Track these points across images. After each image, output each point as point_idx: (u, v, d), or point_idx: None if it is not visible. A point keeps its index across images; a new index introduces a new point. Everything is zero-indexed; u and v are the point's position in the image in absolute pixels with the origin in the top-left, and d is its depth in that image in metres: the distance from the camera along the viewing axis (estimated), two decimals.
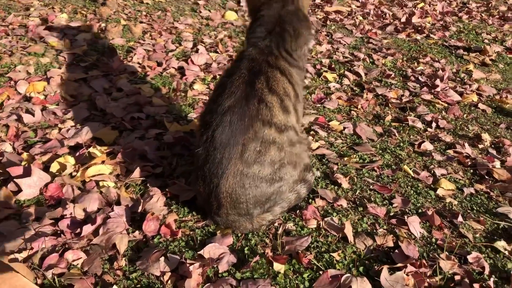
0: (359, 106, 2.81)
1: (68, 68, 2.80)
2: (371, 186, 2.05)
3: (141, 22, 3.66)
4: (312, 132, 2.45)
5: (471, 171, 2.31)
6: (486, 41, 4.57)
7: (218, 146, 1.52)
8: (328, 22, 4.40)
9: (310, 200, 1.89)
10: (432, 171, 2.24)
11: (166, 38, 3.42)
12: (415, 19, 4.85)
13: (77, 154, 2.02)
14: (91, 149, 2.03)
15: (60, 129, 2.23)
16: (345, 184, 2.02)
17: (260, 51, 1.65)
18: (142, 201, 1.75)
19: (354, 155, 2.27)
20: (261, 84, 1.55)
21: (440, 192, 2.08)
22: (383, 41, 4.15)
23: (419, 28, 4.59)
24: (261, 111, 1.52)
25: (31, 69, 2.71)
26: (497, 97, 3.23)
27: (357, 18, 4.67)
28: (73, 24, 3.41)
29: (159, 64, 3.02)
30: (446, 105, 3.00)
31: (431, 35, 4.48)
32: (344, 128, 2.55)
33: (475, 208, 2.01)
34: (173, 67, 3.00)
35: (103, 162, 1.99)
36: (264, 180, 1.57)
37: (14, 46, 2.94)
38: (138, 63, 3.01)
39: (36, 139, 2.15)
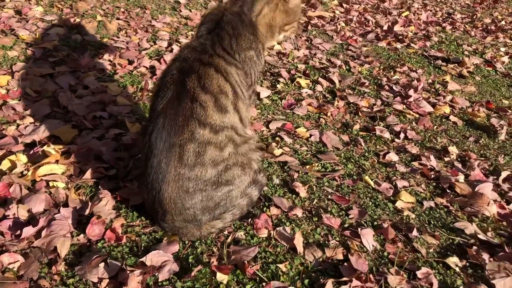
0: (329, 114, 2.79)
1: (36, 62, 2.75)
2: (329, 196, 2.03)
3: (117, 19, 3.61)
4: (277, 138, 2.42)
5: (434, 184, 2.30)
6: (466, 52, 4.58)
7: (155, 150, 1.50)
8: (309, 27, 4.38)
9: (264, 209, 1.87)
10: (394, 183, 2.23)
11: (141, 36, 3.38)
12: (397, 28, 4.85)
13: (31, 152, 1.98)
14: (45, 148, 1.99)
15: (18, 125, 2.19)
16: (303, 193, 2.00)
17: (192, 50, 1.62)
18: (90, 203, 1.72)
19: (317, 164, 2.25)
20: (192, 83, 1.52)
21: (399, 204, 2.07)
22: (363, 49, 4.14)
23: (400, 37, 4.59)
24: (195, 110, 1.49)
25: None
26: (470, 109, 3.23)
27: (339, 24, 4.67)
28: (48, 18, 3.36)
29: (130, 62, 2.98)
30: (417, 116, 3.00)
31: (412, 44, 4.48)
32: (311, 135, 2.53)
33: (432, 222, 2.00)
34: (144, 66, 2.96)
35: (57, 161, 1.95)
36: (210, 183, 1.54)
37: None
38: (109, 60, 2.97)
39: None
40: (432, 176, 2.35)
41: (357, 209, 1.98)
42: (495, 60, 4.45)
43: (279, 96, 2.91)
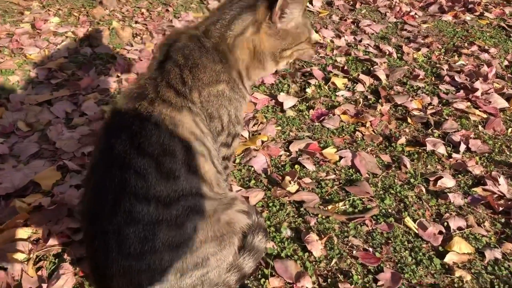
0: (368, 124, 2.27)
1: (36, 87, 2.51)
2: (354, 252, 1.57)
3: (136, 22, 3.29)
4: (297, 166, 1.97)
5: (503, 220, 1.74)
6: None
7: (91, 236, 1.14)
8: (358, 5, 3.78)
9: (262, 280, 1.46)
10: (445, 223, 1.70)
11: (157, 41, 3.04)
12: None
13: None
14: (17, 202, 1.72)
15: None
16: (317, 251, 1.56)
17: (128, 97, 1.22)
18: (47, 283, 1.41)
19: (343, 202, 1.78)
20: (122, 145, 1.13)
21: (449, 259, 1.56)
22: (422, 26, 3.48)
23: (471, 5, 3.83)
24: (128, 182, 1.10)
25: None
26: None
27: None
28: (61, 30, 3.12)
29: None
30: (485, 116, 2.38)
31: (486, 14, 3.72)
32: (340, 158, 2.05)
33: (496, 286, 1.47)
34: None
35: (26, 221, 1.67)
36: (172, 271, 1.16)
37: None
38: (117, 76, 2.66)
39: None
40: (501, 208, 1.79)
41: (389, 270, 1.50)
42: None
43: (307, 104, 2.43)
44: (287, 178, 1.85)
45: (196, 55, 1.29)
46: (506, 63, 2.93)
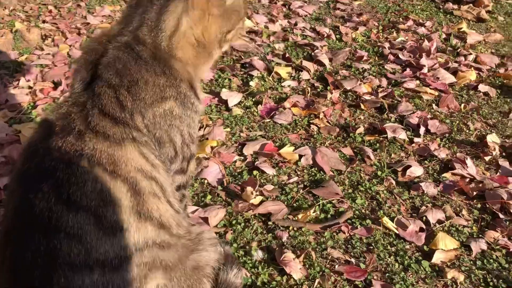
0: (321, 115, 2.10)
1: None
2: (336, 266, 1.39)
3: (44, 22, 2.88)
4: (255, 172, 1.76)
5: (479, 206, 1.65)
6: None
7: None
8: None
9: None
10: (424, 218, 1.57)
11: (72, 42, 2.66)
12: None
13: None
14: None
15: None
16: (297, 272, 1.36)
17: (47, 131, 0.94)
18: None
19: (313, 208, 1.60)
20: (46, 201, 0.84)
21: (437, 258, 1.43)
22: (354, 3, 3.37)
23: None
24: (59, 249, 0.83)
25: None
26: (501, 70, 2.51)
27: None
28: None
29: (56, 85, 2.29)
30: (437, 93, 2.29)
31: None
32: (300, 156, 1.86)
33: (490, 281, 1.36)
34: None
35: None
36: None
37: None
38: (29, 87, 2.28)
39: None
40: (475, 192, 1.69)
41: (379, 283, 1.34)
42: None
43: (253, 99, 2.22)
44: (249, 189, 1.63)
45: (133, 69, 1.02)
46: (443, 35, 2.88)
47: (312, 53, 2.61)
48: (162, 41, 1.08)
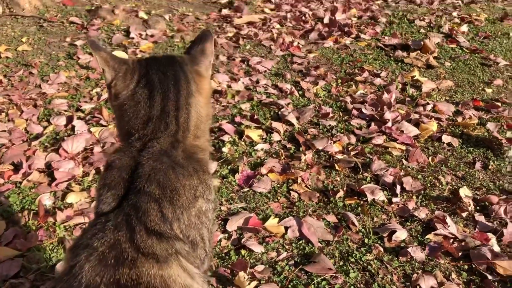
0: (299, 181, 2.10)
1: None
2: None
3: None
4: (244, 252, 1.71)
5: (466, 267, 1.68)
6: (422, 30, 4.00)
7: None
8: (241, 42, 3.64)
9: None
10: (418, 287, 1.58)
11: (29, 115, 2.53)
12: (339, 16, 4.20)
13: None
14: None
15: None
16: None
17: (98, 263, 0.86)
18: None
19: (308, 286, 1.57)
20: None
21: None
22: (309, 56, 3.46)
23: (346, 29, 3.93)
24: None
25: None
26: (459, 118, 2.63)
27: (273, 27, 3.94)
28: None
29: (17, 167, 2.15)
30: (404, 147, 2.36)
31: (361, 35, 3.84)
32: (286, 228, 1.83)
33: None
34: (38, 169, 2.14)
35: None
36: None
37: None
38: None
39: None
40: (460, 253, 1.73)
41: None
42: (454, 32, 3.90)
43: (228, 167, 2.19)
44: (241, 274, 1.58)
45: (173, 178, 0.98)
46: (399, 85, 3.00)
47: (279, 112, 2.63)
48: (188, 137, 1.08)
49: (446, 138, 2.43)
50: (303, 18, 4.21)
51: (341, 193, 2.03)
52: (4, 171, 2.12)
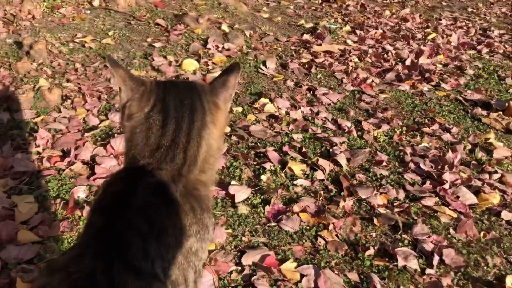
0: (330, 227, 1.99)
1: None
2: None
3: (68, 81, 2.88)
4: None
5: None
6: (510, 90, 3.69)
7: None
8: (313, 70, 3.57)
9: None
10: None
11: (91, 107, 2.64)
12: (423, 60, 4.00)
13: None
14: None
15: None
16: None
17: None
18: None
19: None
20: None
21: None
22: (380, 97, 3.31)
23: (427, 75, 3.73)
24: None
25: None
26: None
27: (351, 60, 3.83)
28: None
29: (65, 154, 2.24)
30: (456, 215, 2.16)
31: (442, 85, 3.62)
32: (302, 276, 1.73)
33: None
34: (83, 161, 2.21)
35: None
36: None
37: None
38: (38, 152, 2.24)
39: None
40: None
41: None
42: None
43: (262, 197, 2.12)
44: None
45: (164, 215, 0.95)
46: (468, 146, 2.78)
47: (330, 150, 2.53)
48: (193, 172, 1.04)
49: (506, 215, 2.19)
50: (385, 56, 4.05)
51: (371, 251, 1.89)
52: (52, 156, 2.21)
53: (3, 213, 1.85)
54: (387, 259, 1.87)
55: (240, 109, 2.83)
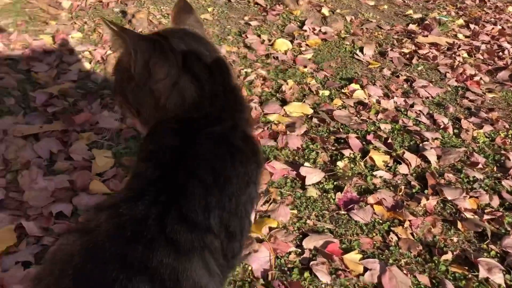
0: (406, 224, 1.81)
1: (27, 115, 2.19)
2: None
3: None
4: (307, 275, 1.54)
5: None
6: None
7: None
8: (414, 61, 3.31)
9: None
10: None
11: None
12: None
13: None
14: None
15: None
16: None
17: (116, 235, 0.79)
18: None
19: None
20: None
21: None
22: (487, 96, 2.98)
23: None
24: None
25: None
26: None
27: (459, 55, 3.51)
28: (78, 48, 2.83)
29: None
30: None
31: None
32: (366, 269, 1.59)
33: None
34: None
35: None
36: None
37: None
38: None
39: None
40: None
41: None
42: None
43: (335, 183, 2.00)
44: None
45: (229, 165, 0.93)
46: None
47: (420, 144, 2.32)
48: (241, 113, 1.04)
49: None
50: (500, 54, 3.65)
51: (449, 256, 1.69)
52: None
53: (82, 163, 1.94)
54: (466, 267, 1.66)
55: (327, 93, 2.70)
